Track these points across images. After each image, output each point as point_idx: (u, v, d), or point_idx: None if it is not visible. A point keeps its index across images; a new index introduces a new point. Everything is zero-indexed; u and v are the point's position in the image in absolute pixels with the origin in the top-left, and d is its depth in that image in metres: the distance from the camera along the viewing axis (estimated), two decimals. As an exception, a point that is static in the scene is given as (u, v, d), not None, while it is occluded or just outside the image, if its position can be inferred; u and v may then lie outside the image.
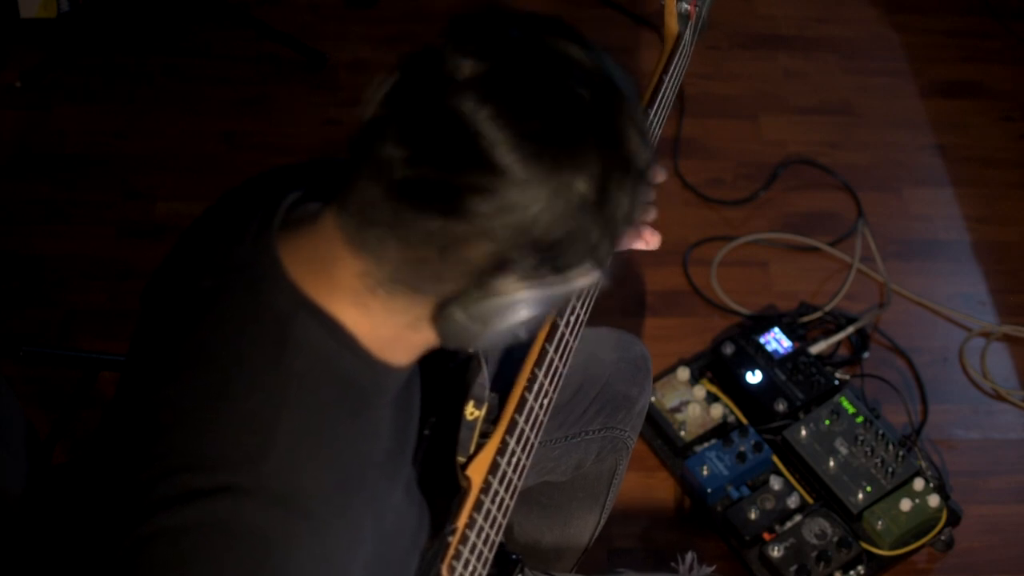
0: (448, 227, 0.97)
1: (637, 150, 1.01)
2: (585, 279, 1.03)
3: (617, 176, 0.99)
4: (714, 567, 2.06)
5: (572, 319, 1.42)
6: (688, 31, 1.64)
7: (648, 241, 1.51)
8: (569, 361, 1.43)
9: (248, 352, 1.05)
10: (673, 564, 2.09)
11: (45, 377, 2.32)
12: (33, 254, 2.56)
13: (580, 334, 1.44)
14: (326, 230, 1.04)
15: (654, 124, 1.58)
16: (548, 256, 0.99)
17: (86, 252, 2.57)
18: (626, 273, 2.61)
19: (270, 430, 1.02)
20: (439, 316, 1.03)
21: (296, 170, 1.20)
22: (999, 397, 2.48)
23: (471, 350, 1.07)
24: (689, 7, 1.63)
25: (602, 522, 1.84)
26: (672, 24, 1.64)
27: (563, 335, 1.40)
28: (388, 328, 1.06)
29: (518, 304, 1.01)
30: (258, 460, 1.01)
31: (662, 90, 1.58)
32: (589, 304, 1.46)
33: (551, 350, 1.38)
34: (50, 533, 1.35)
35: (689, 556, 2.08)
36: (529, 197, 0.96)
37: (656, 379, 2.35)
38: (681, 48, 1.63)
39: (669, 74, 1.60)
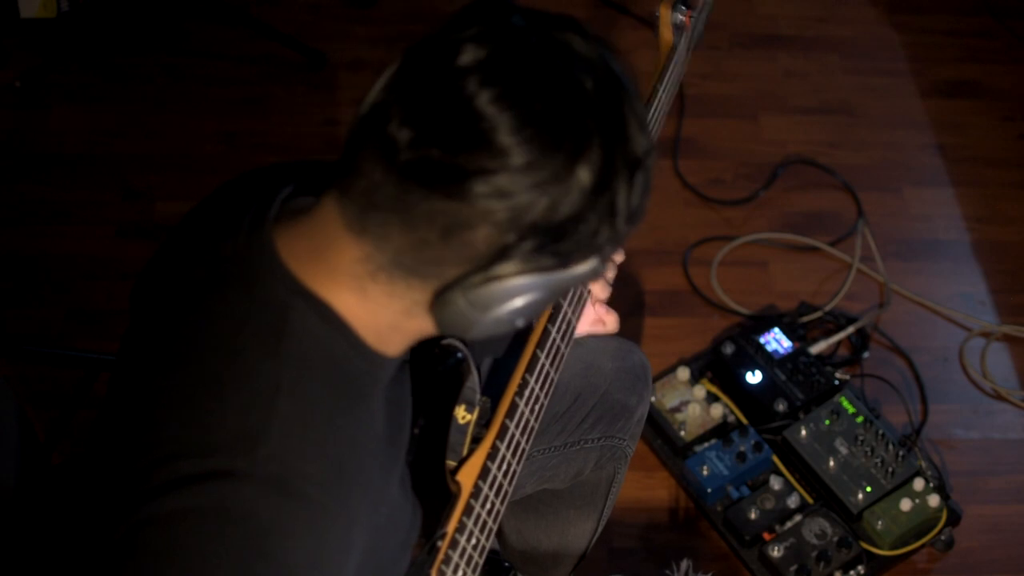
0: (451, 209, 0.98)
1: (637, 141, 1.01)
2: (584, 268, 1.04)
3: (617, 164, 1.00)
4: (710, 574, 2.06)
5: (563, 325, 1.42)
6: (683, 42, 1.65)
7: (606, 322, 1.53)
8: (561, 367, 1.42)
9: (245, 341, 1.05)
10: (668, 572, 2.08)
11: (45, 377, 2.32)
12: (33, 254, 2.56)
13: (571, 340, 1.44)
14: (325, 217, 1.04)
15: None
16: (548, 242, 1.00)
17: (86, 252, 2.57)
18: (626, 273, 2.61)
19: (266, 416, 1.03)
20: (439, 301, 1.03)
21: (287, 168, 1.21)
22: (999, 397, 2.48)
23: (467, 337, 1.07)
24: (684, 18, 1.64)
25: (599, 530, 1.84)
26: (667, 35, 1.64)
27: (554, 341, 1.40)
28: (385, 315, 1.07)
29: (518, 290, 1.02)
30: (254, 445, 1.02)
31: (656, 99, 1.60)
32: (580, 310, 1.46)
33: (542, 356, 1.38)
34: (49, 528, 1.35)
35: (684, 564, 2.08)
36: (530, 180, 0.97)
37: (656, 379, 2.35)
38: (675, 58, 1.64)
39: (663, 84, 1.61)
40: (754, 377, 2.33)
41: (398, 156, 0.98)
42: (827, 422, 2.25)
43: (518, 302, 1.03)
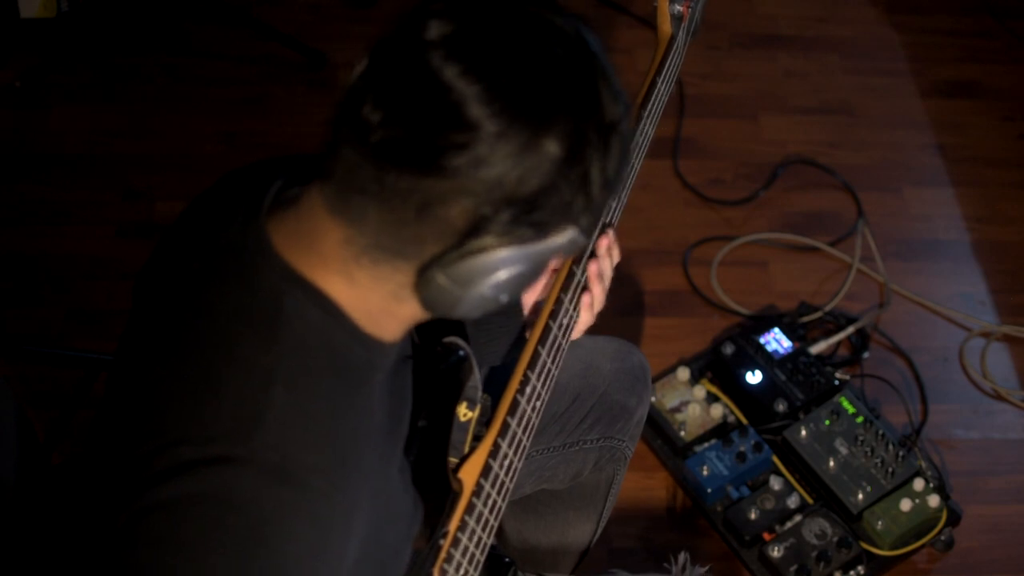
0: (424, 185, 0.98)
1: (610, 108, 1.01)
2: (563, 238, 1.04)
3: (588, 134, 1.00)
4: (707, 567, 2.06)
5: (565, 321, 1.42)
6: (681, 33, 1.65)
7: (594, 296, 1.49)
8: (561, 364, 1.42)
9: (242, 330, 1.06)
10: (666, 565, 2.08)
11: (45, 377, 2.32)
12: (33, 254, 2.56)
13: (571, 336, 1.44)
14: (310, 204, 1.05)
15: (648, 125, 1.59)
16: (524, 212, 1.00)
17: (86, 252, 2.57)
18: (626, 273, 2.61)
19: (264, 403, 1.03)
20: (421, 280, 1.03)
21: (281, 161, 1.22)
22: (999, 397, 2.48)
23: (454, 316, 1.07)
24: (682, 9, 1.64)
25: (599, 530, 1.85)
26: (665, 26, 1.64)
27: (555, 337, 1.40)
28: (375, 299, 1.07)
29: (498, 263, 1.02)
30: (253, 432, 1.02)
31: (655, 91, 1.59)
32: (579, 305, 1.46)
33: (543, 352, 1.38)
34: (50, 525, 1.35)
35: (682, 556, 2.07)
36: (501, 152, 0.97)
37: (656, 379, 2.35)
38: (674, 50, 1.64)
39: (662, 76, 1.61)
40: (754, 377, 2.33)
41: (371, 137, 0.98)
42: (827, 422, 2.25)
43: (500, 275, 1.03)
